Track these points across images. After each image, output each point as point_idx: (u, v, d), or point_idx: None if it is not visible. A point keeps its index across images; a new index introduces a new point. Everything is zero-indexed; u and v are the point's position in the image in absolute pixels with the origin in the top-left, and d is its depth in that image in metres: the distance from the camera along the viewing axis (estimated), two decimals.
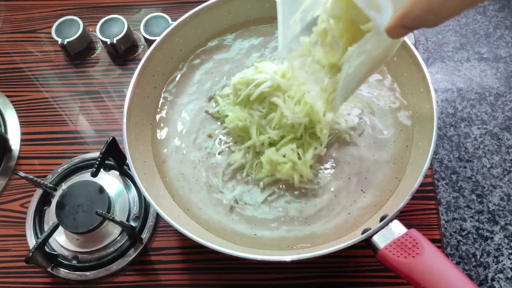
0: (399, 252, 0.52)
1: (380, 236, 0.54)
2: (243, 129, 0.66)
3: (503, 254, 0.68)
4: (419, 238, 0.52)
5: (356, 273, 0.67)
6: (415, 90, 0.66)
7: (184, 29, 0.72)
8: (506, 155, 0.74)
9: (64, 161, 0.78)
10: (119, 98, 0.85)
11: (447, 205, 0.71)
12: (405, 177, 0.63)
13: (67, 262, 0.70)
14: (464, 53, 0.84)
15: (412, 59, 0.66)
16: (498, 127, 0.76)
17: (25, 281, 0.71)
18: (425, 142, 0.62)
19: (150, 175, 0.66)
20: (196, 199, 0.65)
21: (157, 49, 0.70)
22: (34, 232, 0.72)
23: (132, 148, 0.64)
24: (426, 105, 0.63)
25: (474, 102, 0.78)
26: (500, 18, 0.87)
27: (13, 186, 0.78)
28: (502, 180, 0.72)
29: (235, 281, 0.68)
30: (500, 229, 0.69)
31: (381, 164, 0.65)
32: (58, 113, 0.84)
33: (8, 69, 0.89)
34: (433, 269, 0.50)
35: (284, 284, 0.68)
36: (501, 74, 0.80)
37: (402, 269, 0.51)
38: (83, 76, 0.87)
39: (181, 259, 0.70)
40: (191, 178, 0.67)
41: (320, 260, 0.67)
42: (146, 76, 0.70)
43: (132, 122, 0.66)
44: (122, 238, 0.70)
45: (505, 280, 0.66)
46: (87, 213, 0.67)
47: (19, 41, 0.92)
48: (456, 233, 0.69)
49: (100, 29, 0.87)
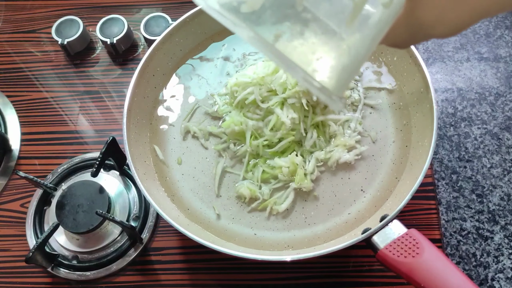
0: (399, 252, 0.52)
1: (380, 236, 0.54)
2: (240, 133, 0.66)
3: (503, 254, 0.68)
4: (419, 238, 0.52)
5: (356, 273, 0.67)
6: (415, 90, 0.66)
7: (185, 29, 0.72)
8: (506, 155, 0.74)
9: (64, 161, 0.78)
10: (119, 98, 0.85)
11: (447, 205, 0.71)
12: (405, 177, 0.63)
13: (67, 262, 0.70)
14: (464, 53, 0.83)
15: (412, 59, 0.66)
16: (498, 127, 0.76)
17: (25, 281, 0.71)
18: (425, 142, 0.62)
19: (150, 175, 0.66)
20: (196, 199, 0.65)
21: (157, 48, 0.70)
22: (34, 232, 0.72)
23: (132, 148, 0.64)
24: (426, 105, 0.63)
25: (474, 102, 0.78)
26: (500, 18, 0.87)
27: (13, 186, 0.78)
28: (502, 180, 0.72)
29: (235, 281, 0.68)
30: (500, 229, 0.69)
31: (381, 164, 0.65)
32: (58, 113, 0.84)
33: (8, 69, 0.89)
34: (433, 269, 0.50)
35: (284, 284, 0.68)
36: (501, 74, 0.80)
37: (402, 269, 0.51)
38: (83, 76, 0.87)
39: (181, 259, 0.70)
40: (191, 179, 0.67)
41: (320, 260, 0.67)
42: (146, 76, 0.70)
43: (132, 122, 0.66)
44: (122, 238, 0.70)
45: (505, 280, 0.66)
46: (87, 213, 0.67)
47: (19, 41, 0.92)
48: (456, 233, 0.69)
49: (100, 29, 0.87)
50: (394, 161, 0.65)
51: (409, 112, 0.68)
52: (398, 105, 0.69)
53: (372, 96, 0.70)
